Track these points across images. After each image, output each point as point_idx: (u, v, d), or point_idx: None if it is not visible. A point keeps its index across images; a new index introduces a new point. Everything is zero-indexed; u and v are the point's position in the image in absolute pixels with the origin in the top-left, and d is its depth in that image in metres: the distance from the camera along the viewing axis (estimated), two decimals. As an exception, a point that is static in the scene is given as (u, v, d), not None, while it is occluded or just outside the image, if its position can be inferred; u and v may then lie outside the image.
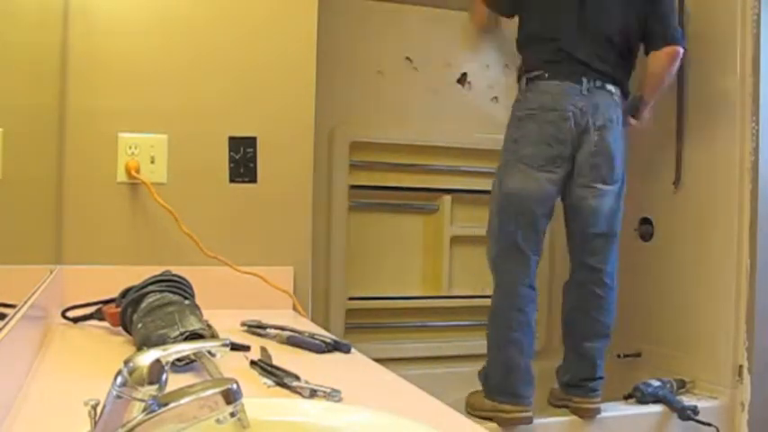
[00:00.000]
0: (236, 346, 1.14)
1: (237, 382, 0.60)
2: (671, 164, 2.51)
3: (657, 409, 2.18)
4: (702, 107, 2.41)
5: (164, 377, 0.60)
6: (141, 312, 1.17)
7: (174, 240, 1.61)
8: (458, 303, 2.63)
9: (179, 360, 1.00)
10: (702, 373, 2.34)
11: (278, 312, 1.59)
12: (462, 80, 2.69)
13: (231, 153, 1.69)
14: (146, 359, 0.59)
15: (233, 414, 0.60)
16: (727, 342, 2.27)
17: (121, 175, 1.61)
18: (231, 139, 1.69)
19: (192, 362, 1.04)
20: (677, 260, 2.49)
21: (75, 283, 1.49)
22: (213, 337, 1.13)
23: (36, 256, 1.30)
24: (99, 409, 0.59)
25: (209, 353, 1.01)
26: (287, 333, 1.29)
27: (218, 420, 0.60)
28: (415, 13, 2.59)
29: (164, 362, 0.60)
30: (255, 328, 1.35)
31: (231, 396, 0.59)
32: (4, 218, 0.97)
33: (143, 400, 0.58)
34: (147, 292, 1.23)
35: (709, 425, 2.15)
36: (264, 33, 1.72)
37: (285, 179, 1.73)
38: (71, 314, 1.39)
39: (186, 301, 1.20)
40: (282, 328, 1.31)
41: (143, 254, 1.60)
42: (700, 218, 2.40)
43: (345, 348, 1.23)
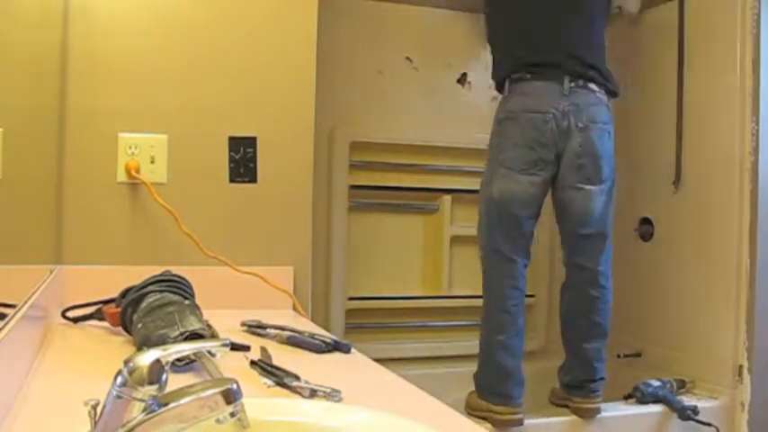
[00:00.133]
0: (236, 346, 1.14)
1: (237, 382, 0.60)
2: (671, 164, 2.51)
3: (657, 409, 2.18)
4: (702, 107, 2.41)
5: (164, 377, 0.60)
6: (141, 312, 1.17)
7: (174, 240, 1.61)
8: (458, 303, 2.63)
9: (179, 360, 1.00)
10: (702, 373, 2.34)
11: (278, 312, 1.59)
12: (462, 80, 2.69)
13: (231, 153, 1.69)
14: (146, 359, 0.59)
15: (233, 414, 0.60)
16: (727, 342, 2.27)
17: (121, 175, 1.61)
18: (231, 139, 1.69)
19: (192, 362, 1.04)
20: (677, 260, 2.49)
21: (75, 283, 1.49)
22: (213, 337, 1.13)
23: (36, 256, 1.30)
24: (99, 409, 0.59)
25: (209, 353, 1.01)
26: (287, 333, 1.29)
27: (218, 420, 0.60)
28: (415, 13, 2.59)
29: (164, 362, 0.60)
30: (255, 328, 1.35)
31: (231, 396, 0.59)
32: (4, 218, 0.97)
33: (143, 400, 0.58)
34: (147, 292, 1.23)
35: (709, 425, 2.15)
36: (264, 33, 1.72)
37: (285, 179, 1.73)
38: (71, 314, 1.39)
39: (186, 301, 1.20)
40: (282, 328, 1.31)
41: (143, 254, 1.60)
42: (700, 218, 2.40)
43: (345, 348, 1.23)
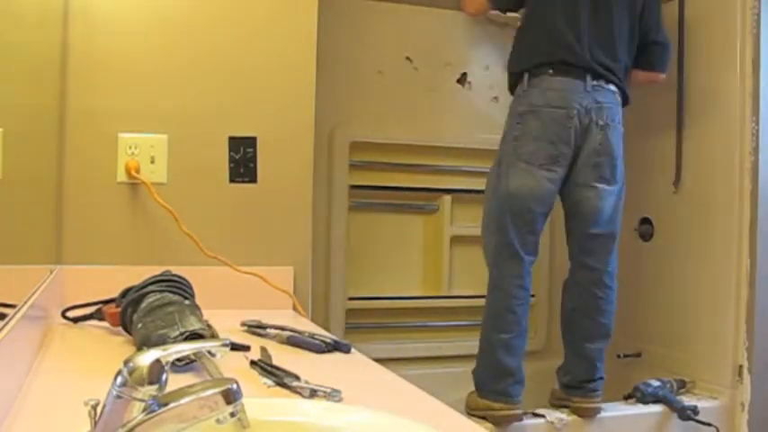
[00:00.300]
0: (236, 346, 1.14)
1: (237, 382, 0.60)
2: (671, 164, 2.51)
3: (657, 409, 2.18)
4: (702, 107, 2.41)
5: (164, 377, 0.60)
6: (141, 312, 1.17)
7: (174, 240, 1.61)
8: (458, 303, 2.63)
9: (179, 360, 1.00)
10: (702, 373, 2.34)
11: (278, 312, 1.59)
12: (462, 80, 2.69)
13: (231, 153, 1.69)
14: (146, 359, 0.59)
15: (233, 414, 0.60)
16: (727, 342, 2.27)
17: (121, 175, 1.61)
18: (231, 139, 1.69)
19: (192, 362, 1.04)
20: (677, 260, 2.49)
21: (75, 283, 1.49)
22: (213, 337, 1.13)
23: (36, 256, 1.30)
24: (99, 409, 0.59)
25: (209, 353, 1.01)
26: (287, 333, 1.29)
27: (218, 420, 0.60)
28: (415, 13, 2.59)
29: (164, 362, 0.60)
30: (255, 328, 1.35)
31: (231, 396, 0.59)
32: (4, 218, 0.97)
33: (143, 400, 0.58)
34: (147, 292, 1.23)
35: (709, 425, 2.15)
36: (264, 34, 1.72)
37: (285, 179, 1.73)
38: (71, 314, 1.39)
39: (186, 301, 1.20)
40: (282, 328, 1.31)
41: (143, 254, 1.60)
42: (700, 218, 2.40)
43: (345, 348, 1.23)
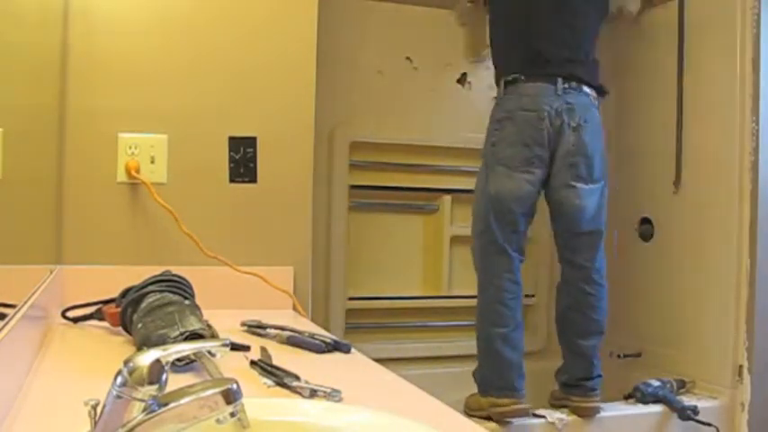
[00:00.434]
0: (236, 346, 1.14)
1: (237, 382, 0.60)
2: (671, 164, 2.50)
3: (657, 409, 2.18)
4: (702, 107, 2.41)
5: (164, 377, 0.60)
6: (141, 312, 1.17)
7: (174, 240, 1.61)
8: (458, 303, 2.62)
9: (179, 360, 1.00)
10: (702, 373, 2.34)
11: (278, 312, 1.59)
12: (462, 80, 2.69)
13: (231, 153, 1.69)
14: (146, 359, 0.59)
15: (233, 414, 0.60)
16: (727, 342, 2.27)
17: (121, 175, 1.61)
18: (231, 139, 1.69)
19: (192, 362, 1.04)
20: (677, 260, 2.49)
21: (75, 283, 1.49)
22: (213, 337, 1.13)
23: (36, 256, 1.30)
24: (99, 409, 0.59)
25: (209, 353, 1.01)
26: (287, 333, 1.29)
27: (218, 420, 0.60)
28: (415, 13, 2.59)
29: (164, 362, 0.60)
30: (255, 328, 1.35)
31: (231, 396, 0.59)
32: (4, 218, 0.97)
33: (143, 400, 0.58)
34: (147, 292, 1.23)
35: (709, 425, 2.15)
36: (264, 34, 1.72)
37: (285, 179, 1.73)
38: (71, 314, 1.39)
39: (186, 301, 1.20)
40: (282, 328, 1.31)
41: (143, 254, 1.60)
42: (700, 218, 2.40)
43: (345, 348, 1.23)
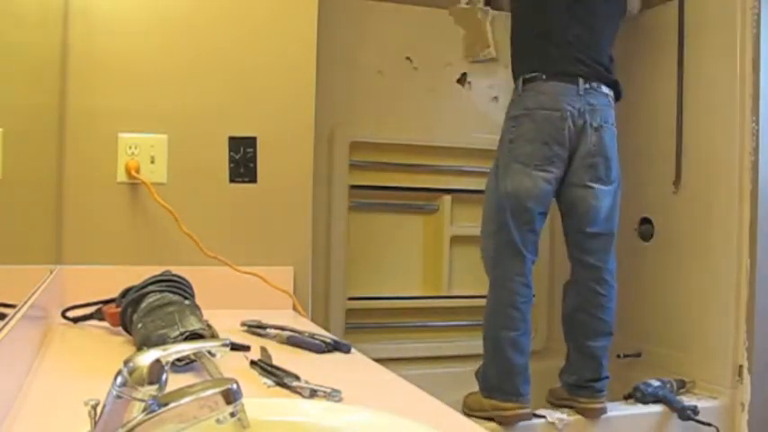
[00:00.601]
0: (236, 346, 1.14)
1: (237, 382, 0.60)
2: (671, 164, 2.50)
3: (657, 409, 2.18)
4: (702, 107, 2.41)
5: (164, 377, 0.60)
6: (141, 312, 1.17)
7: (174, 240, 1.61)
8: (458, 303, 2.63)
9: (179, 360, 1.00)
10: (702, 373, 2.34)
11: (278, 312, 1.59)
12: (462, 80, 2.69)
13: (231, 153, 1.69)
14: (146, 359, 0.59)
15: (233, 414, 0.60)
16: (727, 342, 2.27)
17: (121, 175, 1.61)
18: (231, 139, 1.69)
19: (192, 362, 1.04)
20: (677, 260, 2.49)
21: (75, 283, 1.49)
22: (213, 337, 1.13)
23: (36, 256, 1.30)
24: (99, 409, 0.59)
25: (209, 353, 1.01)
26: (287, 333, 1.29)
27: (218, 420, 0.60)
28: (415, 13, 2.59)
29: (164, 362, 0.60)
30: (255, 328, 1.35)
31: (231, 396, 0.59)
32: (4, 218, 0.97)
33: (143, 400, 0.58)
34: (147, 292, 1.23)
35: (709, 425, 2.15)
36: (264, 33, 1.72)
37: (285, 179, 1.73)
38: (71, 314, 1.39)
39: (186, 301, 1.20)
40: (282, 328, 1.31)
41: (143, 254, 1.60)
42: (700, 218, 2.40)
43: (345, 348, 1.23)
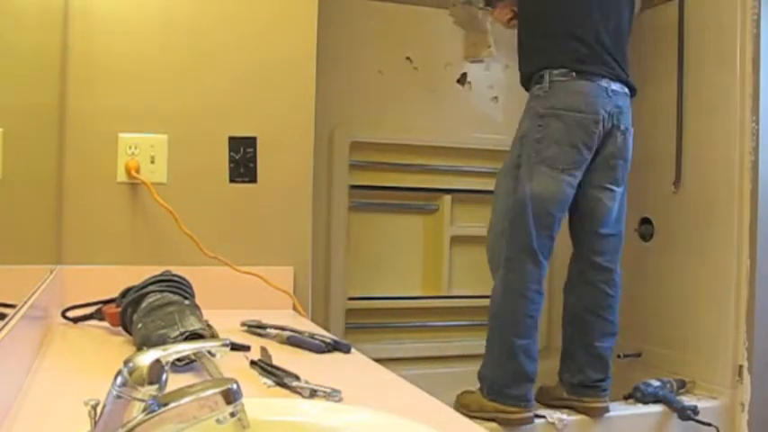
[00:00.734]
0: (236, 346, 1.14)
1: (237, 382, 0.60)
2: (671, 164, 2.51)
3: (657, 409, 2.18)
4: (702, 107, 2.41)
5: (164, 377, 0.60)
6: (141, 312, 1.17)
7: (174, 240, 1.61)
8: (458, 303, 2.63)
9: (179, 360, 1.00)
10: (702, 373, 2.34)
11: (278, 312, 1.59)
12: (462, 80, 2.69)
13: (231, 153, 1.69)
14: (146, 359, 0.59)
15: (233, 414, 0.60)
16: (727, 342, 2.27)
17: (121, 175, 1.61)
18: (231, 139, 1.69)
19: (192, 362, 1.04)
20: (677, 260, 2.49)
21: (76, 283, 1.49)
22: (213, 337, 1.13)
23: (36, 256, 1.30)
24: (99, 409, 0.59)
25: (209, 353, 1.00)
26: (287, 333, 1.29)
27: (218, 420, 0.60)
28: (415, 12, 2.59)
29: (164, 362, 0.60)
30: (255, 328, 1.35)
31: (231, 396, 0.59)
32: (4, 218, 0.97)
33: (143, 400, 0.58)
34: (147, 292, 1.23)
35: (709, 425, 2.15)
36: (264, 34, 1.72)
37: (285, 179, 1.73)
38: (71, 314, 1.39)
39: (186, 301, 1.20)
40: (282, 328, 1.31)
41: (143, 254, 1.60)
42: (700, 218, 2.40)
43: (345, 348, 1.23)
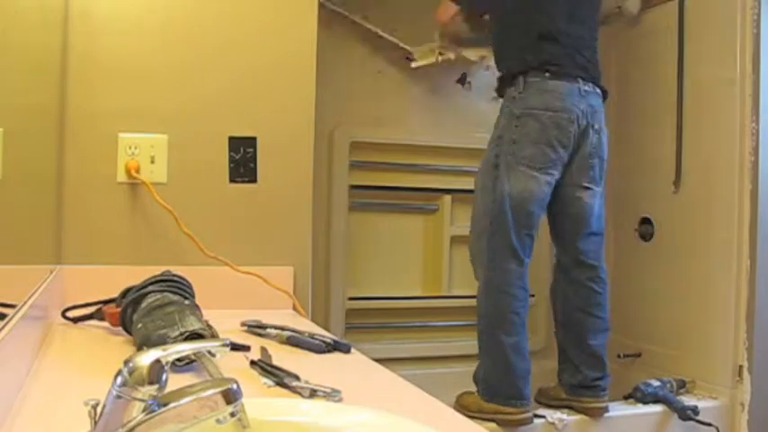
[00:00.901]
0: (236, 346, 1.14)
1: (237, 382, 0.60)
2: (671, 164, 2.51)
3: (657, 409, 2.18)
4: (702, 107, 2.41)
5: (164, 377, 0.60)
6: (141, 312, 1.17)
7: (174, 240, 1.61)
8: (458, 303, 2.63)
9: (179, 360, 1.00)
10: (702, 373, 2.34)
11: (278, 312, 1.59)
12: (462, 80, 2.69)
13: (231, 153, 1.69)
14: (146, 359, 0.59)
15: (233, 414, 0.60)
16: (727, 342, 2.27)
17: (121, 175, 1.61)
18: (231, 139, 1.69)
19: (192, 362, 1.04)
20: (677, 260, 2.49)
21: (75, 283, 1.49)
22: (213, 337, 1.13)
23: (36, 256, 1.30)
24: (99, 409, 0.59)
25: (209, 353, 1.00)
26: (287, 333, 1.29)
27: (218, 420, 0.60)
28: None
29: (164, 362, 0.60)
30: (255, 328, 1.35)
31: (231, 396, 0.59)
32: (4, 218, 0.97)
33: (143, 400, 0.58)
34: (147, 292, 1.23)
35: (709, 425, 2.15)
36: (264, 34, 1.72)
37: (285, 179, 1.73)
38: (71, 314, 1.39)
39: (186, 301, 1.20)
40: (282, 328, 1.31)
41: (143, 254, 1.60)
42: (700, 218, 2.40)
43: (345, 348, 1.23)
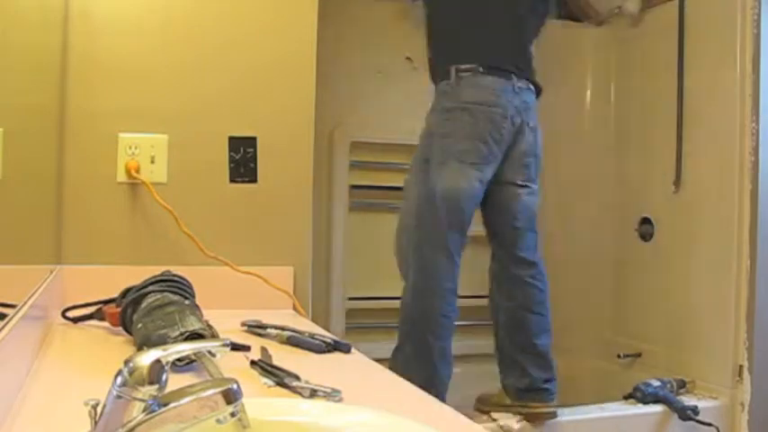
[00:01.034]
0: (236, 346, 1.14)
1: (237, 382, 0.60)
2: (671, 164, 2.51)
3: (657, 409, 2.18)
4: (702, 107, 2.41)
5: (164, 377, 0.60)
6: (141, 312, 1.17)
7: (174, 240, 1.61)
8: (457, 303, 2.62)
9: (179, 360, 1.00)
10: (702, 373, 2.34)
11: (278, 312, 1.59)
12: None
13: (231, 153, 1.69)
14: (146, 359, 0.59)
15: (233, 414, 0.60)
16: (727, 342, 2.27)
17: (121, 175, 1.61)
18: (231, 139, 1.69)
19: (192, 362, 1.04)
20: (677, 260, 2.49)
21: (76, 283, 1.49)
22: (213, 337, 1.13)
23: (36, 256, 1.30)
24: (99, 409, 0.59)
25: (209, 353, 1.00)
26: (287, 333, 1.29)
27: (218, 420, 0.60)
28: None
29: (164, 362, 0.60)
30: (255, 328, 1.35)
31: (231, 396, 0.59)
32: (4, 218, 0.97)
33: (143, 400, 0.58)
34: (148, 292, 1.23)
35: (709, 425, 2.15)
36: (264, 34, 1.72)
37: (285, 179, 1.73)
38: (71, 314, 1.39)
39: (186, 301, 1.20)
40: (282, 328, 1.31)
41: (143, 254, 1.60)
42: (700, 218, 2.40)
43: (345, 348, 1.23)
